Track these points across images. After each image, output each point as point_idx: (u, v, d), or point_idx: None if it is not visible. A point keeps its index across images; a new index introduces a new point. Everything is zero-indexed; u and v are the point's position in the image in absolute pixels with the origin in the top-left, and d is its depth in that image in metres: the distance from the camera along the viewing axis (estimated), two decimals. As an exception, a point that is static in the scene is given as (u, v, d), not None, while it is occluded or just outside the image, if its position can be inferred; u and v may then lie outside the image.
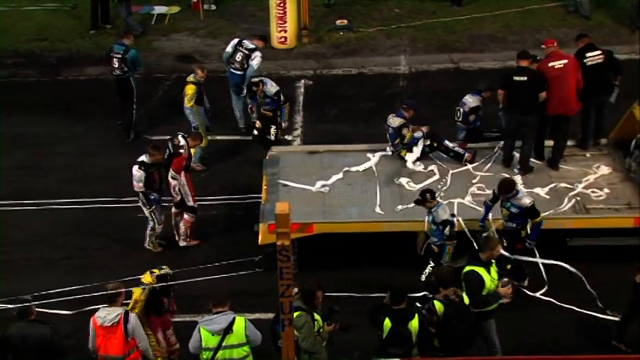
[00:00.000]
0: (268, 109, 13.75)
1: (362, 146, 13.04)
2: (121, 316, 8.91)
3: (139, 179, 11.65)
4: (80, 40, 18.03)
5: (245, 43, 14.63)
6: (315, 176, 12.26)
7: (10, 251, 12.29)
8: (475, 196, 11.81)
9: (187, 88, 13.76)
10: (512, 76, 12.21)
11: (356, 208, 11.64)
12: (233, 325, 8.73)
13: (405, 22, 18.41)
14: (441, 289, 9.17)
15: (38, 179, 13.84)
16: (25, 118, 15.45)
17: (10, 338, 8.76)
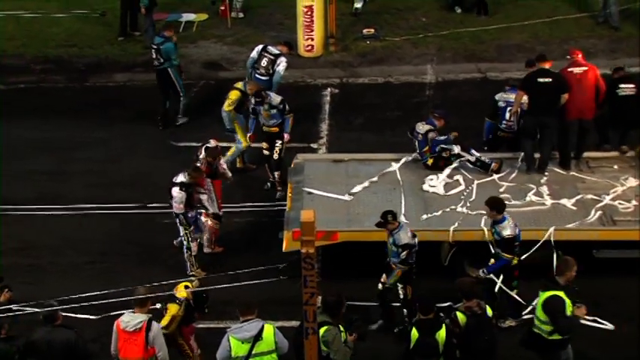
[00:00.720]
0: (274, 124, 13.31)
1: (387, 155, 12.99)
2: (144, 324, 8.92)
3: (180, 201, 11.33)
4: (108, 47, 18.18)
5: (270, 49, 14.67)
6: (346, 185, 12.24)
7: (37, 255, 12.38)
8: None
9: (232, 93, 13.79)
10: (536, 78, 12.28)
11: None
12: (262, 333, 8.68)
13: (432, 31, 18.38)
14: (464, 300, 9.10)
15: (64, 184, 13.94)
16: (52, 123, 15.60)
17: (36, 343, 8.79)
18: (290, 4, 18.53)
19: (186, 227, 11.54)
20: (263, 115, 13.21)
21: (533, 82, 12.32)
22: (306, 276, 7.94)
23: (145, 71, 17.43)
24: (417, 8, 19.56)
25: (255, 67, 14.63)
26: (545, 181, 12.25)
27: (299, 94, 16.27)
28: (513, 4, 19.43)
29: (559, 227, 11.26)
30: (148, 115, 15.91)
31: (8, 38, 18.56)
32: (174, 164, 13.33)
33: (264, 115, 13.21)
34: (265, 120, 13.25)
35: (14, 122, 15.60)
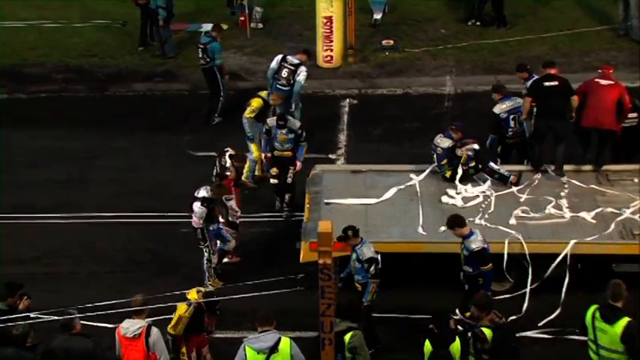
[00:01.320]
0: (288, 149, 13.04)
1: (405, 166, 12.97)
2: (143, 330, 8.99)
3: (201, 216, 11.31)
4: (129, 57, 18.31)
5: (289, 59, 14.74)
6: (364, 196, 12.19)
7: (56, 264, 12.45)
8: (519, 219, 11.66)
9: (254, 101, 13.90)
10: (542, 82, 12.59)
11: (398, 228, 11.57)
12: (279, 345, 8.67)
13: (452, 42, 18.37)
14: (484, 314, 9.03)
15: (84, 193, 14.02)
16: (73, 133, 15.73)
17: (54, 351, 8.83)
18: (309, 15, 18.61)
19: (203, 242, 11.50)
20: (279, 138, 12.94)
21: (540, 87, 12.53)
22: (324, 287, 7.95)
23: (164, 81, 17.58)
24: (437, 20, 19.56)
25: (276, 77, 14.70)
26: (565, 194, 12.17)
27: (318, 105, 16.31)
28: (534, 16, 19.40)
29: (578, 240, 11.18)
30: (167, 124, 16.02)
31: (30, 48, 18.75)
32: (193, 174, 13.44)
33: (280, 138, 12.94)
34: (280, 144, 12.99)
35: (35, 131, 15.76)
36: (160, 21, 17.62)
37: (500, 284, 11.40)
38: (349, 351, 8.78)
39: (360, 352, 8.87)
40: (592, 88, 12.66)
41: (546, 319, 10.93)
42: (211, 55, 15.54)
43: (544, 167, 12.62)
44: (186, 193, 13.04)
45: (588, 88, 12.74)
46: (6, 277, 11.94)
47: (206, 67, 15.72)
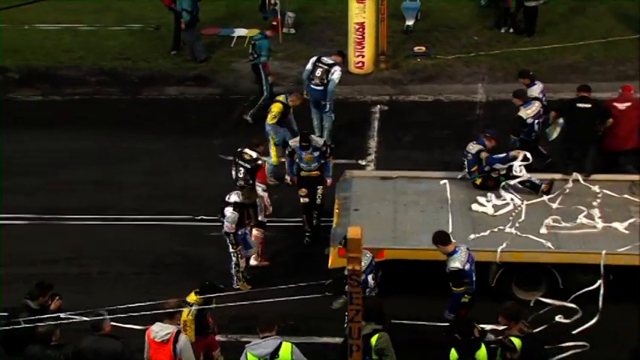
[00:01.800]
0: (315, 168, 12.55)
1: (435, 173, 12.92)
2: (172, 335, 9.01)
3: (233, 221, 11.34)
4: (162, 60, 18.44)
5: (324, 59, 14.95)
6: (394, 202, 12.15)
7: (86, 264, 12.55)
8: (550, 228, 11.55)
9: (274, 106, 13.98)
10: (576, 103, 12.90)
11: (427, 235, 11.38)
12: (280, 350, 8.71)
13: (484, 50, 18.28)
14: (513, 324, 8.96)
15: (115, 194, 14.13)
16: (105, 135, 15.87)
17: (83, 351, 8.89)
18: (342, 20, 18.63)
19: (234, 246, 11.58)
20: (305, 158, 12.48)
21: (572, 108, 12.74)
22: (352, 293, 7.92)
23: (196, 85, 17.68)
24: (469, 27, 19.48)
25: (311, 77, 14.85)
26: (597, 203, 12.05)
27: (348, 111, 16.31)
28: (568, 24, 19.25)
29: (610, 251, 11.04)
30: (198, 128, 16.11)
31: (66, 50, 18.97)
32: (223, 177, 13.45)
33: (306, 158, 12.48)
34: (306, 164, 12.52)
35: (68, 133, 15.92)
36: (182, 24, 17.74)
37: (530, 294, 11.32)
38: (376, 353, 8.77)
39: (387, 354, 8.87)
40: (612, 113, 12.92)
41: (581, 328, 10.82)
42: (259, 51, 15.92)
43: (575, 176, 12.51)
44: (216, 196, 13.10)
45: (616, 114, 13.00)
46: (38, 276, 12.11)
47: (253, 62, 16.12)
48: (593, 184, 12.41)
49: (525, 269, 11.25)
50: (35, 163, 15.01)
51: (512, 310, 9.10)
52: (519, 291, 11.36)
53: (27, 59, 18.60)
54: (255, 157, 12.35)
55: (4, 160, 15.01)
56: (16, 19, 19.87)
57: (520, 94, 13.70)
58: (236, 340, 10.80)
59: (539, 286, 11.32)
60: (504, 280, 11.26)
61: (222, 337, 10.90)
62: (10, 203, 13.73)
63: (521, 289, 11.38)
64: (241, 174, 12.31)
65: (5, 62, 18.44)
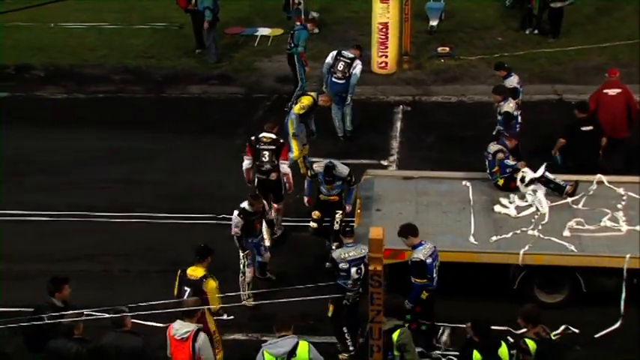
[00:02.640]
0: (336, 194, 11.99)
1: (457, 173, 12.86)
2: (191, 334, 9.02)
3: (235, 225, 11.34)
4: (185, 59, 18.52)
5: (345, 53, 15.13)
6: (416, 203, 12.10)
7: (109, 262, 12.63)
8: (573, 230, 11.45)
9: (305, 98, 14.03)
10: (579, 127, 13.00)
11: (449, 237, 11.45)
12: (297, 349, 8.70)
13: (508, 51, 18.18)
14: (530, 326, 8.91)
15: (137, 192, 14.20)
16: (128, 133, 15.96)
17: (105, 347, 8.95)
18: (365, 21, 18.60)
19: (242, 251, 11.47)
20: (326, 186, 11.95)
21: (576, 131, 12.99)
22: (373, 293, 7.91)
23: (219, 84, 17.73)
24: (494, 27, 19.39)
25: (332, 71, 14.97)
26: (622, 206, 11.93)
27: (371, 111, 16.29)
28: (594, 25, 19.10)
29: (634, 255, 10.90)
30: (220, 127, 16.15)
31: (90, 49, 19.10)
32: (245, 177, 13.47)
33: (327, 186, 11.94)
34: (327, 190, 11.99)
35: (92, 131, 16.02)
36: (205, 23, 17.74)
37: (552, 296, 11.24)
38: (397, 349, 8.76)
39: (408, 349, 8.87)
40: (602, 100, 13.52)
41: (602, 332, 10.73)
42: (297, 41, 16.00)
43: (600, 178, 12.37)
44: (238, 195, 13.11)
45: (599, 99, 13.63)
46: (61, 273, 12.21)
47: (289, 51, 16.21)
48: (618, 186, 12.29)
49: (548, 272, 11.16)
50: (59, 160, 15.13)
51: (532, 312, 9.03)
52: (541, 294, 11.28)
53: (52, 57, 18.75)
54: (276, 138, 12.45)
55: (28, 158, 15.15)
56: (41, 17, 20.07)
57: (501, 90, 13.69)
58: (256, 338, 10.81)
59: (562, 289, 11.24)
60: (526, 283, 11.19)
61: (242, 336, 10.95)
62: (33, 200, 13.85)
63: (543, 291, 11.29)
64: (266, 157, 12.38)
65: (31, 60, 18.60)
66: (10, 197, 13.94)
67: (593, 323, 10.83)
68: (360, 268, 10.34)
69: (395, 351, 8.78)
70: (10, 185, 14.31)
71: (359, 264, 10.31)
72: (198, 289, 9.89)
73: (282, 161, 12.44)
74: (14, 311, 10.41)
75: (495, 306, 10.78)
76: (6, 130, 15.82)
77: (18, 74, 18.19)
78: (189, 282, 10.05)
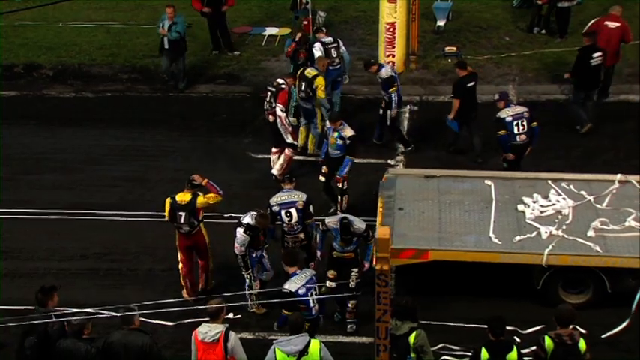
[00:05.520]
0: (351, 250, 11.04)
1: (480, 172, 12.76)
2: (222, 334, 9.01)
3: (242, 243, 11.01)
4: (193, 58, 18.53)
5: (327, 40, 15.56)
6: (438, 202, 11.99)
7: (117, 260, 12.68)
8: (598, 231, 11.28)
9: (318, 80, 14.21)
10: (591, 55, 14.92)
11: (472, 237, 11.30)
12: (308, 347, 8.74)
13: (516, 51, 18.16)
14: (558, 326, 8.89)
15: (146, 192, 14.25)
16: (136, 132, 16.02)
17: (113, 345, 9.01)
18: (372, 20, 18.62)
19: (244, 269, 11.20)
20: (341, 242, 10.92)
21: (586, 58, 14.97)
22: (380, 292, 7.95)
23: (227, 83, 17.76)
24: (501, 27, 19.38)
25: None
26: None
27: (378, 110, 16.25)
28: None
29: None
30: (228, 126, 16.19)
31: (99, 47, 19.15)
32: (252, 176, 13.56)
33: (341, 243, 10.92)
34: (341, 247, 10.91)
35: (99, 130, 16.09)
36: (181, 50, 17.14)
37: (576, 297, 11.18)
38: (414, 351, 8.77)
39: (426, 351, 8.89)
40: (601, 30, 15.59)
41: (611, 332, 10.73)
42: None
43: (623, 177, 12.23)
44: (245, 194, 13.24)
45: (598, 30, 15.64)
46: (69, 271, 12.33)
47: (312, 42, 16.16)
48: None
49: (572, 272, 11.04)
50: (67, 159, 15.20)
51: (565, 315, 8.93)
52: (565, 294, 11.19)
53: (60, 56, 18.81)
54: (280, 82, 13.55)
55: (37, 156, 15.23)
56: (50, 16, 20.15)
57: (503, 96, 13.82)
58: (263, 337, 10.84)
59: (586, 290, 11.16)
60: (550, 283, 11.08)
61: (249, 335, 10.98)
62: (42, 198, 13.92)
63: (567, 292, 11.20)
64: (268, 97, 13.74)
65: (39, 59, 18.66)
66: (19, 195, 14.02)
67: (600, 323, 10.81)
68: (289, 211, 11.20)
69: (412, 353, 8.79)
70: (18, 183, 14.38)
71: (289, 208, 11.18)
72: (192, 208, 11.19)
73: (277, 103, 13.58)
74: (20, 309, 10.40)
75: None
76: (15, 128, 15.92)
77: (26, 73, 18.25)
78: (181, 207, 11.25)
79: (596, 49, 15.07)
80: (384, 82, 14.58)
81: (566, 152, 14.75)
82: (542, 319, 10.25)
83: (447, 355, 10.49)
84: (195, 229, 11.36)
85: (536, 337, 8.95)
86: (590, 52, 15.04)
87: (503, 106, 13.47)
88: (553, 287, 11.11)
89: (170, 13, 16.74)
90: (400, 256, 10.89)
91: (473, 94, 14.71)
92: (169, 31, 16.74)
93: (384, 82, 14.58)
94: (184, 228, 11.34)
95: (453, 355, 10.52)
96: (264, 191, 12.85)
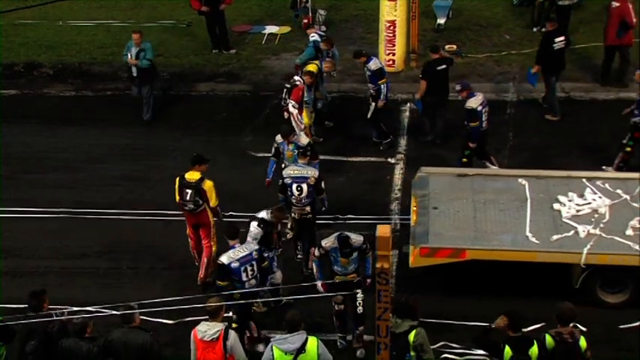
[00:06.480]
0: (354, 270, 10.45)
1: (513, 171, 12.66)
2: (221, 333, 9.01)
3: (255, 237, 10.94)
4: (193, 57, 18.56)
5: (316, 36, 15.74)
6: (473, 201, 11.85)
7: (117, 259, 12.68)
8: (636, 229, 11.14)
9: (310, 67, 14.65)
10: (436, 66, 14.84)
11: (509, 236, 11.19)
12: (306, 345, 8.74)
13: (516, 49, 18.17)
14: (559, 325, 8.88)
15: (146, 190, 14.26)
16: (136, 131, 16.03)
17: (113, 343, 9.01)
18: (372, 18, 18.62)
19: None
20: (342, 262, 10.34)
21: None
22: (380, 291, 7.94)
23: (227, 82, 17.76)
24: (501, 25, 19.38)
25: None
26: None
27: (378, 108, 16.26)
28: (601, 23, 18.95)
29: None
30: (228, 125, 16.20)
31: (99, 46, 19.16)
32: (253, 174, 13.55)
33: (343, 262, 10.33)
34: (343, 267, 10.38)
35: (99, 128, 16.10)
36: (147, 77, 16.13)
37: (615, 296, 11.13)
38: (414, 349, 8.76)
39: (425, 349, 8.88)
40: (608, 11, 16.34)
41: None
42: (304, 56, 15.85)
43: None
44: (246, 193, 13.24)
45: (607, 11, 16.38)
46: (70, 270, 12.34)
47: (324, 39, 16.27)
48: None
49: (611, 272, 10.93)
50: (67, 157, 15.21)
51: (566, 313, 8.90)
52: (604, 294, 11.11)
53: (60, 55, 18.81)
54: (296, 79, 14.17)
55: (37, 155, 15.24)
56: (50, 15, 20.16)
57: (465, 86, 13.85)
58: (264, 335, 10.85)
59: (625, 289, 11.06)
60: (589, 283, 10.98)
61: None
62: (43, 197, 13.93)
63: (606, 292, 11.12)
64: (283, 94, 14.26)
65: (39, 58, 18.67)
66: (19, 194, 14.03)
67: (600, 322, 10.80)
68: (300, 185, 11.62)
69: (412, 352, 8.79)
70: (18, 182, 14.39)
71: (300, 182, 11.62)
72: (198, 188, 11.51)
73: (290, 99, 13.96)
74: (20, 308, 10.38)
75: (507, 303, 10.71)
76: (15, 127, 15.93)
77: (27, 72, 18.25)
78: (189, 185, 11.57)
79: (559, 34, 15.52)
80: (372, 74, 14.64)
81: (567, 150, 14.74)
82: (542, 318, 10.23)
83: (447, 354, 10.50)
84: (199, 208, 11.63)
85: (537, 336, 8.92)
86: (552, 37, 15.48)
87: (466, 96, 13.54)
88: (591, 287, 10.98)
89: (137, 40, 15.71)
90: (437, 256, 10.88)
91: (443, 78, 14.89)
92: (138, 58, 15.73)
93: (373, 75, 14.64)
94: (189, 205, 11.63)
95: (454, 353, 10.52)
96: (264, 190, 12.86)
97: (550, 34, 15.66)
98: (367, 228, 11.74)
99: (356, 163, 14.77)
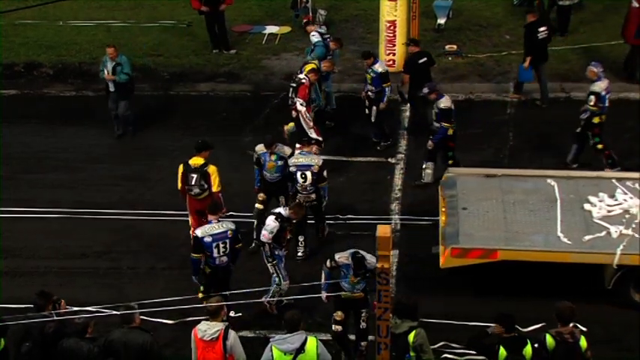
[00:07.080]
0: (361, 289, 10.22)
1: (542, 171, 12.60)
2: (221, 332, 8.99)
3: (271, 231, 10.92)
4: (193, 57, 18.56)
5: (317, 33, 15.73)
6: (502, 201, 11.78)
7: (118, 258, 12.68)
8: None
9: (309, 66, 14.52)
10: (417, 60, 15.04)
11: (540, 236, 11.14)
12: (305, 345, 8.71)
13: (516, 48, 18.12)
14: (559, 324, 8.88)
15: (147, 190, 14.26)
16: (136, 130, 15.99)
17: (113, 343, 9.00)
18: (373, 18, 18.62)
19: (271, 260, 11.12)
20: (351, 280, 10.10)
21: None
22: (381, 291, 7.94)
23: (227, 81, 17.76)
24: (502, 25, 19.38)
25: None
26: None
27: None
28: (602, 23, 19.05)
29: None
30: (228, 124, 16.19)
31: (99, 46, 19.10)
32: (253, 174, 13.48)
33: (352, 280, 10.09)
34: (351, 286, 10.11)
35: (99, 128, 16.08)
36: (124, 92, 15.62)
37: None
38: (414, 350, 8.76)
39: (425, 350, 8.87)
40: (628, 10, 16.26)
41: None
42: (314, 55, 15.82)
43: None
44: (245, 193, 13.21)
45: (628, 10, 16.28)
46: (70, 270, 12.34)
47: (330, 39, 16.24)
48: None
49: None
50: (68, 157, 15.21)
51: (565, 312, 8.89)
52: (637, 295, 11.06)
53: (61, 55, 18.81)
54: (301, 77, 14.03)
55: (37, 155, 15.23)
56: (50, 15, 20.15)
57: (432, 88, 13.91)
58: (264, 335, 10.84)
59: None
60: (622, 283, 10.92)
61: (250, 333, 10.98)
62: (43, 197, 13.93)
63: (639, 292, 11.07)
64: (290, 93, 14.26)
65: (39, 58, 18.66)
66: (19, 194, 14.03)
67: (600, 321, 10.80)
68: (304, 173, 12.02)
69: (411, 352, 8.79)
70: (18, 182, 14.39)
71: (305, 170, 12.01)
72: (203, 172, 11.90)
73: (297, 97, 13.97)
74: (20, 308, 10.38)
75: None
76: (15, 127, 15.93)
77: (27, 72, 18.25)
78: (194, 169, 11.97)
79: (541, 24, 15.80)
80: (378, 76, 14.60)
81: (568, 150, 14.72)
82: (543, 317, 10.23)
83: (447, 354, 10.49)
84: (204, 193, 11.90)
85: (537, 336, 8.92)
86: (536, 27, 15.70)
87: (435, 97, 13.61)
88: (624, 287, 10.93)
89: (112, 54, 15.20)
90: (468, 256, 10.86)
91: (425, 72, 14.95)
92: (115, 73, 15.24)
93: (378, 77, 14.60)
94: (194, 190, 11.94)
95: (454, 353, 10.52)
96: (264, 190, 12.86)
97: (533, 25, 15.78)
98: (367, 228, 11.79)
99: (356, 163, 14.77)
